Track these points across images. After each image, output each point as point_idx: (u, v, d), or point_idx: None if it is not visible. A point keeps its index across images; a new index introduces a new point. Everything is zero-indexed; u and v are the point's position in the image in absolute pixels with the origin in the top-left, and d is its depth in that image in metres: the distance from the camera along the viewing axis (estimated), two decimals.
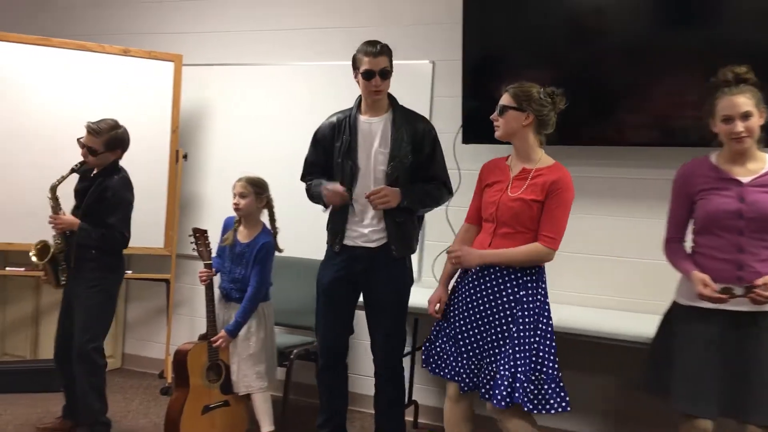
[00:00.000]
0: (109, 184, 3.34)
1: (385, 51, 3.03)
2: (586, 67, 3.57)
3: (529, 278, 2.70)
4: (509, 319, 2.67)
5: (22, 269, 4.30)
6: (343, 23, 4.30)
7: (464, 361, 2.75)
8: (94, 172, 3.38)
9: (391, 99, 3.16)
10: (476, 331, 2.74)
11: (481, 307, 2.73)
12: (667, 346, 2.62)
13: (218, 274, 3.55)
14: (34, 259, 3.33)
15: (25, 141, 4.19)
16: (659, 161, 3.52)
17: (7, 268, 4.42)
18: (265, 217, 3.56)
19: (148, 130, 4.33)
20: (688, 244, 2.68)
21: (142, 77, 4.39)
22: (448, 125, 3.99)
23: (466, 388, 2.75)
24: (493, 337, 2.70)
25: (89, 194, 3.34)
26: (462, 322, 2.78)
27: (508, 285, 2.69)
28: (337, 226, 3.14)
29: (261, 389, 3.48)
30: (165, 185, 4.42)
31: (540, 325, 2.65)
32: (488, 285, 2.72)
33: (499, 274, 2.71)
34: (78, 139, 3.36)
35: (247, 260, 3.47)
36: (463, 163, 3.96)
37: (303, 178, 3.30)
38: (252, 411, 3.52)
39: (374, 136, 3.08)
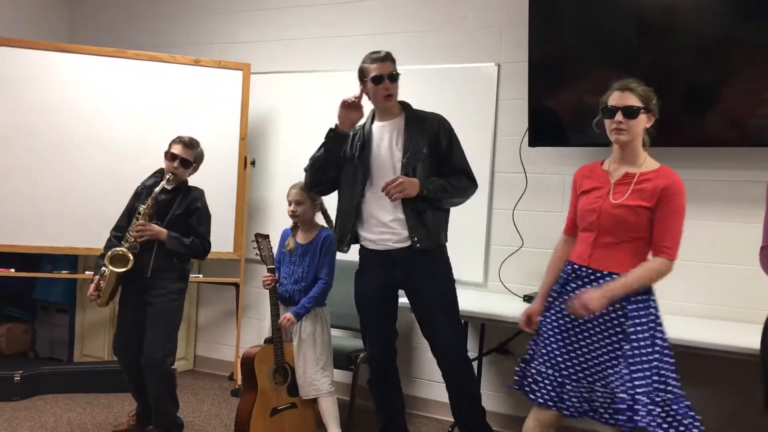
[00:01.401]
0: (195, 196, 3.47)
1: (390, 57, 3.05)
2: (657, 67, 3.45)
3: (642, 290, 2.51)
4: (620, 336, 2.48)
5: (96, 277, 4.45)
6: (407, 27, 4.30)
7: (571, 385, 2.53)
8: (171, 185, 3.38)
9: (403, 104, 3.16)
10: (583, 351, 2.54)
11: (588, 325, 2.54)
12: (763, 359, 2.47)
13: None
14: (110, 267, 3.29)
15: (102, 148, 4.34)
16: (742, 162, 3.38)
17: (87, 272, 4.59)
18: (320, 219, 3.63)
19: (218, 138, 4.44)
20: None
21: (212, 86, 4.50)
22: (514, 128, 3.94)
23: (576, 414, 2.53)
24: (604, 358, 2.50)
25: (176, 205, 3.40)
26: (564, 342, 2.57)
27: (625, 305, 2.49)
28: (345, 228, 3.15)
29: (330, 393, 3.51)
30: (234, 191, 4.51)
31: (656, 341, 2.47)
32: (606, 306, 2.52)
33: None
34: (167, 152, 3.41)
35: (312, 255, 3.52)
36: (529, 167, 3.91)
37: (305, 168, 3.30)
38: (319, 413, 3.55)
39: (390, 137, 3.09)
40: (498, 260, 3.99)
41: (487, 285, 4.02)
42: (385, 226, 3.08)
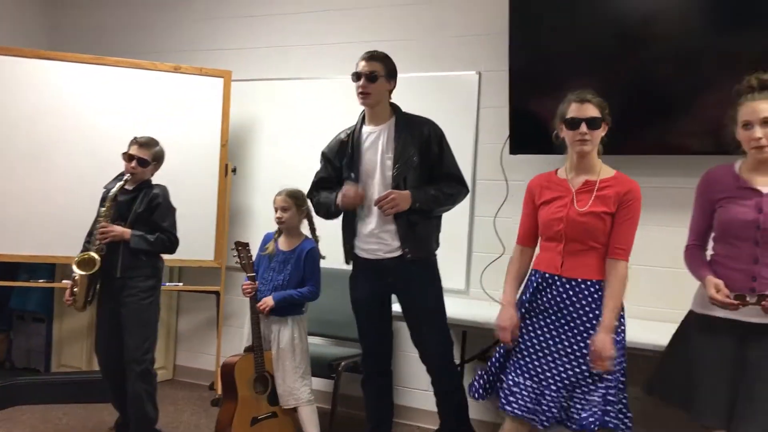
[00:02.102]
0: (156, 192, 3.48)
1: (377, 57, 3.07)
2: (636, 76, 3.49)
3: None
4: None
5: (70, 283, 4.40)
6: (388, 36, 4.31)
7: (551, 395, 2.54)
8: (132, 185, 3.45)
9: (394, 107, 3.17)
10: (564, 360, 2.56)
11: (568, 334, 2.57)
12: (682, 355, 2.56)
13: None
14: (77, 270, 3.34)
15: (82, 157, 4.31)
16: None
17: (64, 281, 4.52)
18: (304, 227, 3.61)
19: (199, 145, 4.42)
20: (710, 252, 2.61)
21: (193, 93, 4.48)
22: (495, 136, 3.96)
23: (548, 424, 2.52)
24: (582, 361, 2.54)
25: (137, 204, 3.43)
26: (544, 353, 2.58)
27: (594, 307, 2.56)
28: (348, 240, 3.16)
29: (309, 402, 3.49)
30: (215, 198, 4.48)
31: (624, 343, 2.58)
32: (571, 309, 2.58)
33: (580, 295, 2.57)
34: (124, 153, 3.45)
35: (294, 264, 3.50)
36: (511, 174, 3.92)
37: (309, 194, 3.33)
38: (299, 422, 3.52)
39: (379, 144, 3.09)
40: (480, 267, 4.00)
41: (468, 292, 4.02)
42: (376, 236, 3.09)
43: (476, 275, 4.01)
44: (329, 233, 3.52)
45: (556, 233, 2.62)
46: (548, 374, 2.57)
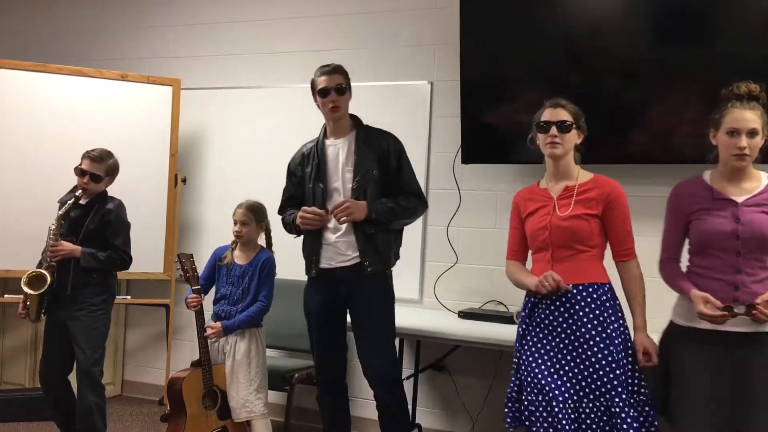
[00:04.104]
0: (109, 208, 3.39)
1: (338, 70, 3.09)
2: (585, 87, 3.55)
3: (606, 297, 2.58)
4: (605, 343, 2.51)
5: (21, 296, 4.25)
6: (341, 45, 4.30)
7: (558, 406, 2.47)
8: (85, 200, 3.36)
9: (355, 119, 3.17)
10: (567, 368, 2.53)
11: (565, 342, 2.55)
12: (666, 368, 2.54)
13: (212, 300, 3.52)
14: (27, 289, 3.26)
15: (22, 167, 4.18)
16: (660, 179, 3.48)
17: (6, 296, 4.38)
18: (261, 240, 3.56)
19: (147, 155, 4.33)
20: (684, 264, 2.61)
21: (141, 102, 4.39)
22: (447, 146, 3.98)
23: None
24: (590, 370, 2.50)
25: (89, 220, 3.34)
26: (547, 365, 2.55)
27: (588, 311, 2.54)
28: (311, 251, 3.12)
29: (263, 415, 3.43)
30: (164, 209, 4.39)
31: (629, 344, 2.57)
32: (566, 316, 2.56)
33: (573, 301, 2.55)
34: (76, 167, 3.34)
35: (251, 277, 3.45)
36: (463, 183, 3.94)
37: (280, 211, 3.30)
38: None
39: (340, 157, 3.09)
40: (433, 277, 4.00)
41: (422, 301, 4.02)
42: (333, 246, 3.06)
43: (429, 285, 4.01)
44: (284, 245, 3.48)
45: (542, 242, 2.64)
46: (553, 386, 2.52)
